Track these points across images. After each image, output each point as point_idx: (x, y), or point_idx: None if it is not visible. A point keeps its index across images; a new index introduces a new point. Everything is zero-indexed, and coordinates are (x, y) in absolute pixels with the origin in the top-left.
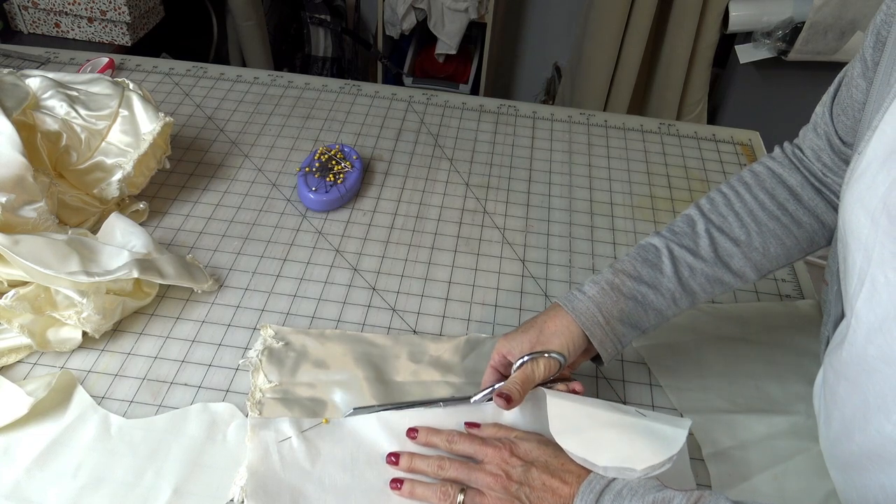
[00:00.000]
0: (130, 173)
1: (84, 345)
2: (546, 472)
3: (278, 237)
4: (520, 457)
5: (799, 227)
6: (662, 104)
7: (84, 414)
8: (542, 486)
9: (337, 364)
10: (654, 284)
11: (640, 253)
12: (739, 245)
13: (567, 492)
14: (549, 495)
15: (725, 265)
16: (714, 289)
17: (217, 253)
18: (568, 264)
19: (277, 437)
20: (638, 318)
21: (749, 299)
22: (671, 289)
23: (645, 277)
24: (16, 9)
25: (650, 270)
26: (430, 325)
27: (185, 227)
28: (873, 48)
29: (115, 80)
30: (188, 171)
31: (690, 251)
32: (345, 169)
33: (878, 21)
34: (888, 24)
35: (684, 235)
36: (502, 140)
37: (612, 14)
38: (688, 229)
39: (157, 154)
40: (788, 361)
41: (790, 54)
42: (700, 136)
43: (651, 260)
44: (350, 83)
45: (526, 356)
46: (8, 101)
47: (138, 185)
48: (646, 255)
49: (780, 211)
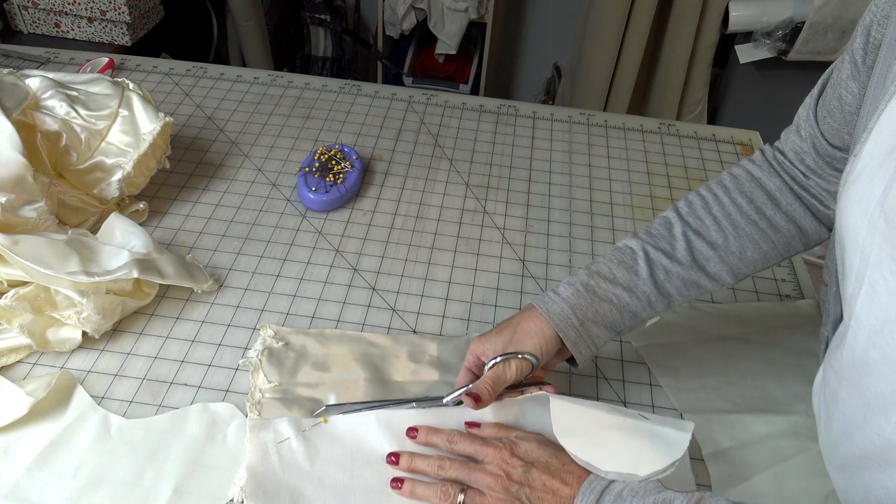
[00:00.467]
0: (130, 173)
1: (84, 345)
2: (546, 472)
3: (278, 237)
4: (520, 457)
5: (776, 232)
6: (662, 104)
7: (84, 414)
8: (542, 486)
9: (337, 364)
10: (629, 287)
11: (615, 255)
12: (716, 249)
13: (567, 492)
14: (549, 496)
15: (702, 268)
16: (690, 292)
17: (217, 253)
18: (568, 264)
19: (276, 437)
20: (612, 320)
21: (749, 299)
22: (646, 291)
23: (620, 280)
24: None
25: (626, 273)
26: (430, 325)
27: (185, 227)
28: (864, 50)
29: (114, 80)
30: (188, 171)
31: (667, 254)
32: (345, 169)
33: (868, 21)
34: (882, 25)
35: (661, 238)
36: (502, 140)
37: (613, 14)
38: (665, 232)
39: (156, 154)
40: (788, 361)
41: (790, 54)
42: (700, 136)
43: (627, 262)
44: (350, 83)
45: (499, 357)
46: (8, 101)
47: (138, 185)
48: (622, 258)
49: (757, 216)
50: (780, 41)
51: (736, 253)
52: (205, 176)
